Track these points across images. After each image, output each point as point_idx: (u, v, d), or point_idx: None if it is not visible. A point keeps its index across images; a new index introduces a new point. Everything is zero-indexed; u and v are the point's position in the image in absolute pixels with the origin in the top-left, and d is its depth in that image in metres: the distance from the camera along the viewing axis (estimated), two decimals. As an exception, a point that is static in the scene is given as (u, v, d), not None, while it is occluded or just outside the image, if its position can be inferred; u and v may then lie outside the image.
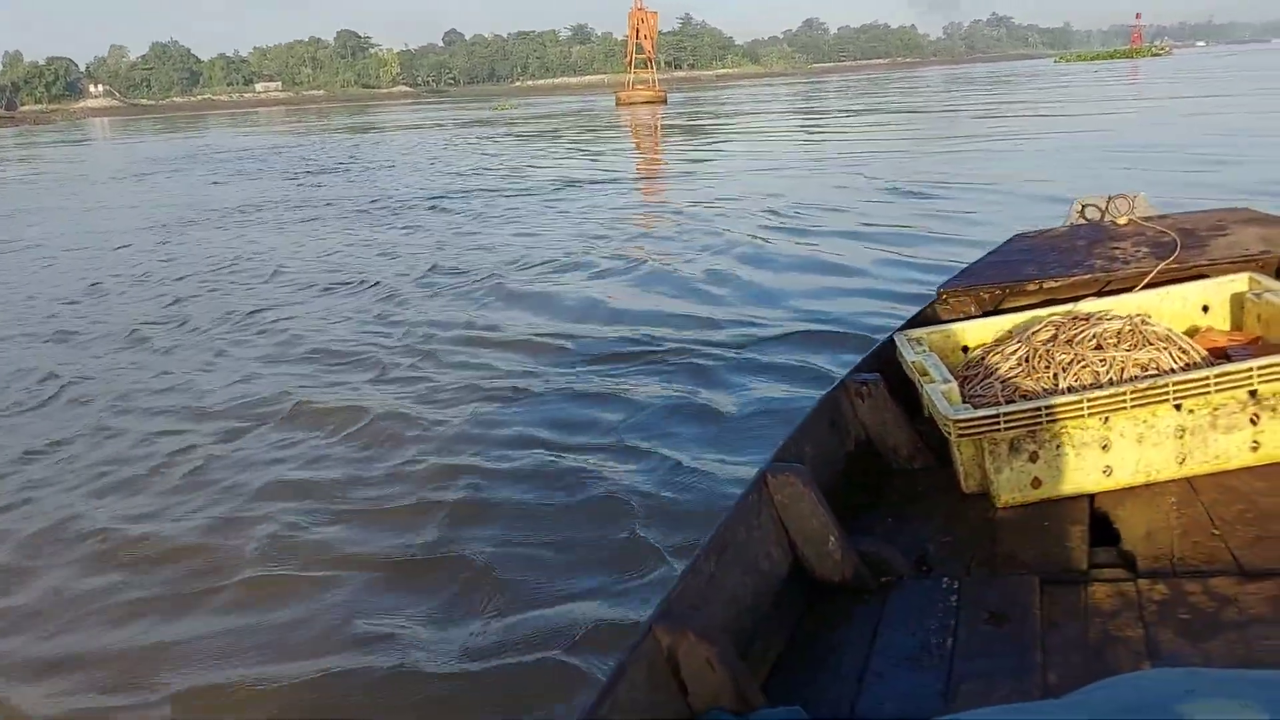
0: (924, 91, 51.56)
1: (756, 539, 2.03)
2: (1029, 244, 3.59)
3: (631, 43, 69.47)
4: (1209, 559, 1.98)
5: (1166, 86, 35.13)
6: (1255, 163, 12.32)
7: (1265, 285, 2.81)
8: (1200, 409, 2.32)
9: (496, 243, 11.20)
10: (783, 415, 4.65)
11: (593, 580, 3.50)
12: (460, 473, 4.51)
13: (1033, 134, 19.58)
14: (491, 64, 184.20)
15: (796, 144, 22.29)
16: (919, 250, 8.69)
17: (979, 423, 2.28)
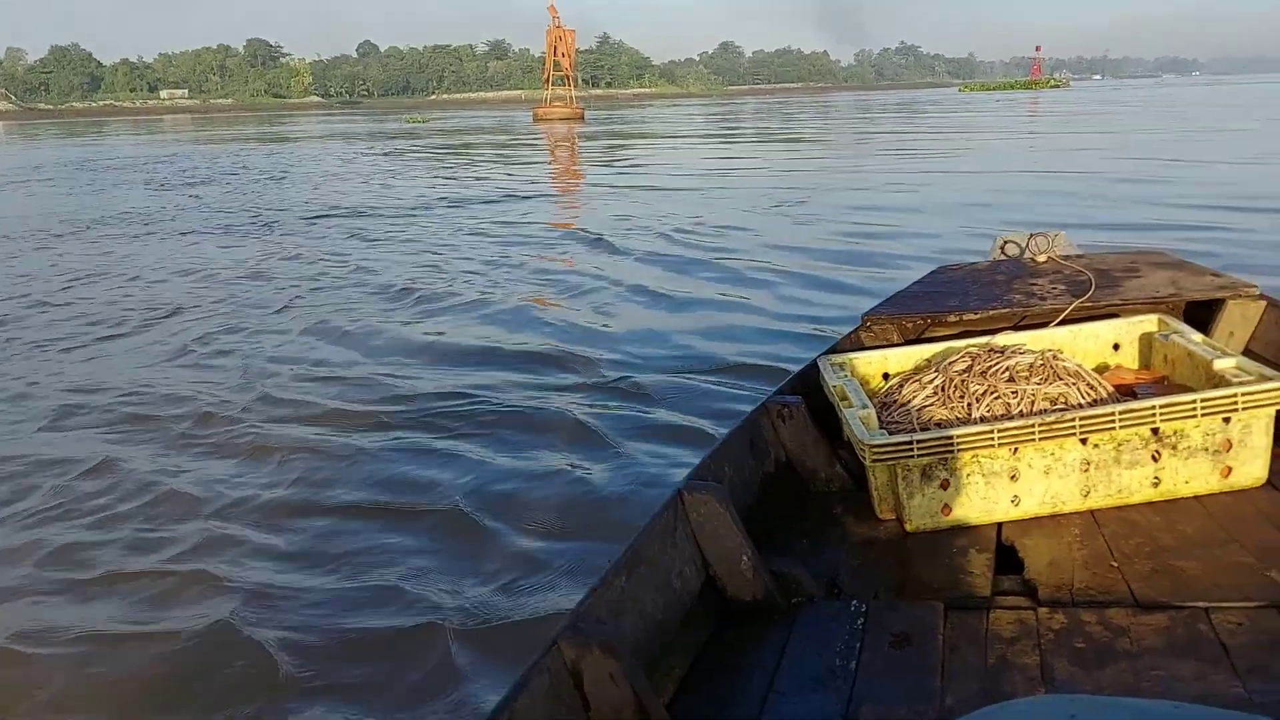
0: (836, 116, 52.59)
1: (670, 556, 2.02)
2: (952, 276, 3.67)
3: (549, 59, 69.53)
4: (1106, 590, 2.03)
5: (1055, 122, 36.19)
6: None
7: (1173, 327, 2.89)
8: (1105, 444, 2.37)
9: (372, 264, 10.15)
10: (660, 481, 4.19)
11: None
12: (246, 550, 3.82)
13: (939, 164, 19.94)
14: (407, 76, 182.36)
15: (710, 165, 21.82)
16: (826, 281, 8.27)
17: (893, 449, 2.31)
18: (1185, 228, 9.55)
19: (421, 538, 3.91)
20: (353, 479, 4.47)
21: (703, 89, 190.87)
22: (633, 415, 5.15)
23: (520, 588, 3.48)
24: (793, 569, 2.17)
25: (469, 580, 3.54)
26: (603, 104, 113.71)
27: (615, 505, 4.08)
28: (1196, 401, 2.33)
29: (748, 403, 4.23)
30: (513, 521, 3.99)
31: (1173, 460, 2.39)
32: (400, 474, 4.52)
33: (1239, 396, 2.32)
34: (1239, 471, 2.41)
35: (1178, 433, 2.37)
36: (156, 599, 3.52)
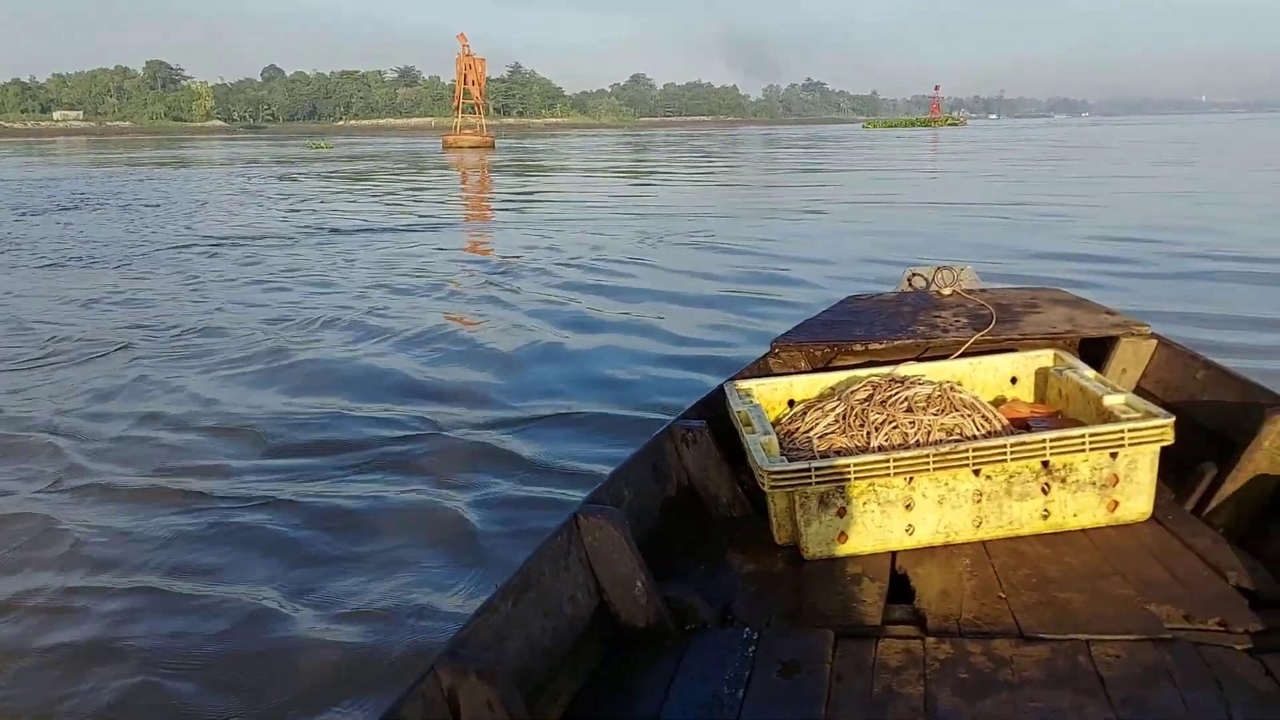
0: (745, 149, 53.44)
1: (562, 581, 2.00)
2: (860, 306, 3.73)
3: (460, 88, 69.09)
4: (993, 621, 2.05)
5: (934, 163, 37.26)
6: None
7: (1067, 362, 2.96)
8: (997, 475, 2.41)
9: (242, 299, 9.22)
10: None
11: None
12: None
13: (842, 195, 20.35)
14: (313, 102, 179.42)
15: (620, 195, 21.75)
16: (723, 315, 7.97)
17: (791, 475, 2.32)
18: (1072, 258, 9.94)
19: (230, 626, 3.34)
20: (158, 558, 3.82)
21: (615, 120, 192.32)
22: (515, 458, 4.75)
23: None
24: (687, 595, 2.15)
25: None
26: (515, 133, 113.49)
27: (484, 555, 3.73)
28: (1085, 436, 2.38)
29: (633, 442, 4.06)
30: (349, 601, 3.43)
31: (1062, 493, 2.43)
32: (217, 551, 3.88)
33: (1125, 433, 2.37)
34: (1124, 506, 2.46)
35: (1067, 466, 2.41)
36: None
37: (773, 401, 3.01)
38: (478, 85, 68.71)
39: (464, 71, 67.98)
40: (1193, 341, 3.36)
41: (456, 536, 3.94)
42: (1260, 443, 2.43)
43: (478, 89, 68.62)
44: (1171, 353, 3.15)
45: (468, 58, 67.69)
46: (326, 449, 4.94)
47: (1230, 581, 2.15)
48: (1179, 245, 10.65)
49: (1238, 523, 2.44)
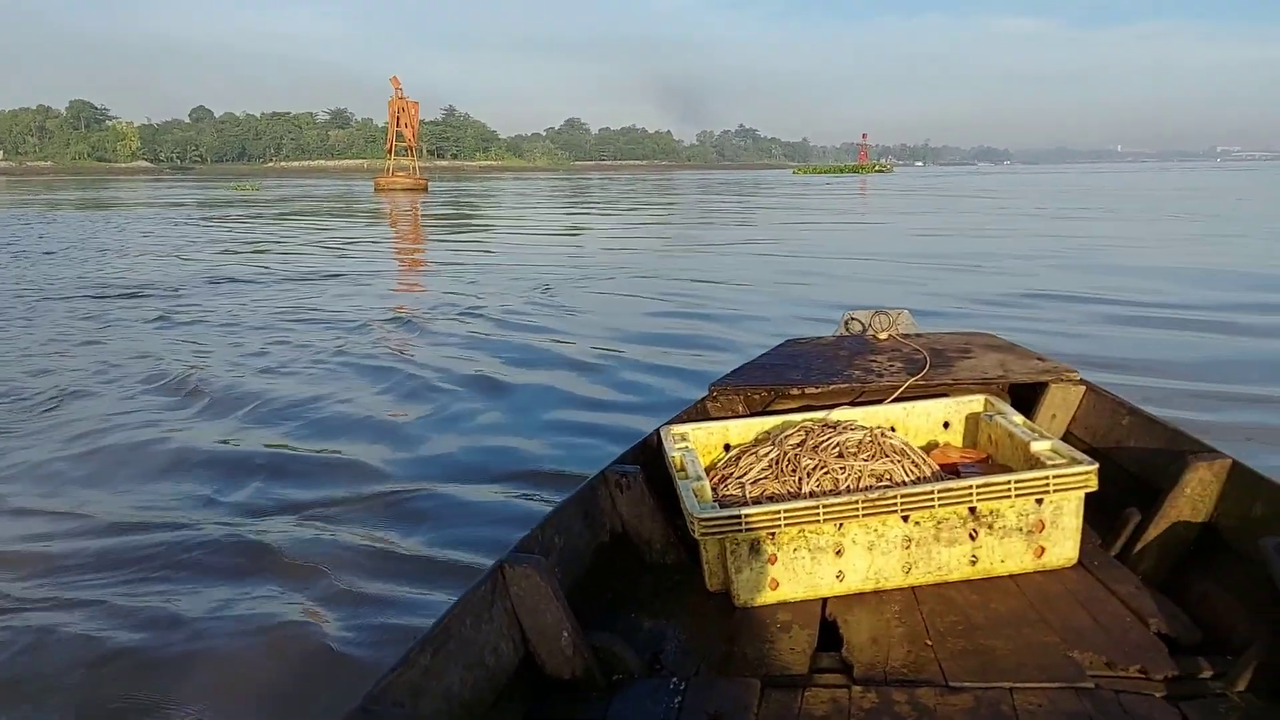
0: (678, 193, 53.97)
1: (485, 632, 1.95)
2: (798, 350, 3.74)
3: (392, 130, 68.80)
4: (918, 669, 2.04)
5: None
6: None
7: (997, 408, 3.00)
8: (926, 521, 2.41)
9: (110, 359, 8.00)
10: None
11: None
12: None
13: (778, 240, 20.52)
14: (243, 143, 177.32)
15: (554, 240, 21.32)
16: (652, 363, 7.45)
17: (721, 522, 2.31)
18: (994, 303, 10.08)
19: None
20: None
21: (549, 163, 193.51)
22: (407, 539, 4.15)
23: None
24: (615, 645, 2.12)
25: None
26: (449, 176, 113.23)
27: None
28: (1010, 483, 2.39)
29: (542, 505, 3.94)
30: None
31: (989, 539, 2.44)
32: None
33: (1050, 479, 2.39)
34: (1051, 552, 2.47)
35: (994, 512, 2.42)
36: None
37: (709, 445, 3.00)
38: (411, 128, 68.49)
39: (397, 114, 67.75)
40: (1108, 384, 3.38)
41: (310, 655, 3.27)
42: (1182, 489, 2.46)
43: (411, 131, 68.41)
44: (1099, 399, 3.18)
45: (401, 100, 67.51)
46: (159, 548, 4.11)
47: (1152, 628, 2.16)
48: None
49: (1160, 568, 2.46)
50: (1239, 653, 1.99)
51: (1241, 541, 2.31)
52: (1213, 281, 11.49)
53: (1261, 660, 1.90)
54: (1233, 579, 2.28)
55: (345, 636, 3.35)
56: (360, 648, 3.27)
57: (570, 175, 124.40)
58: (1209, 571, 2.38)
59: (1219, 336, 8.06)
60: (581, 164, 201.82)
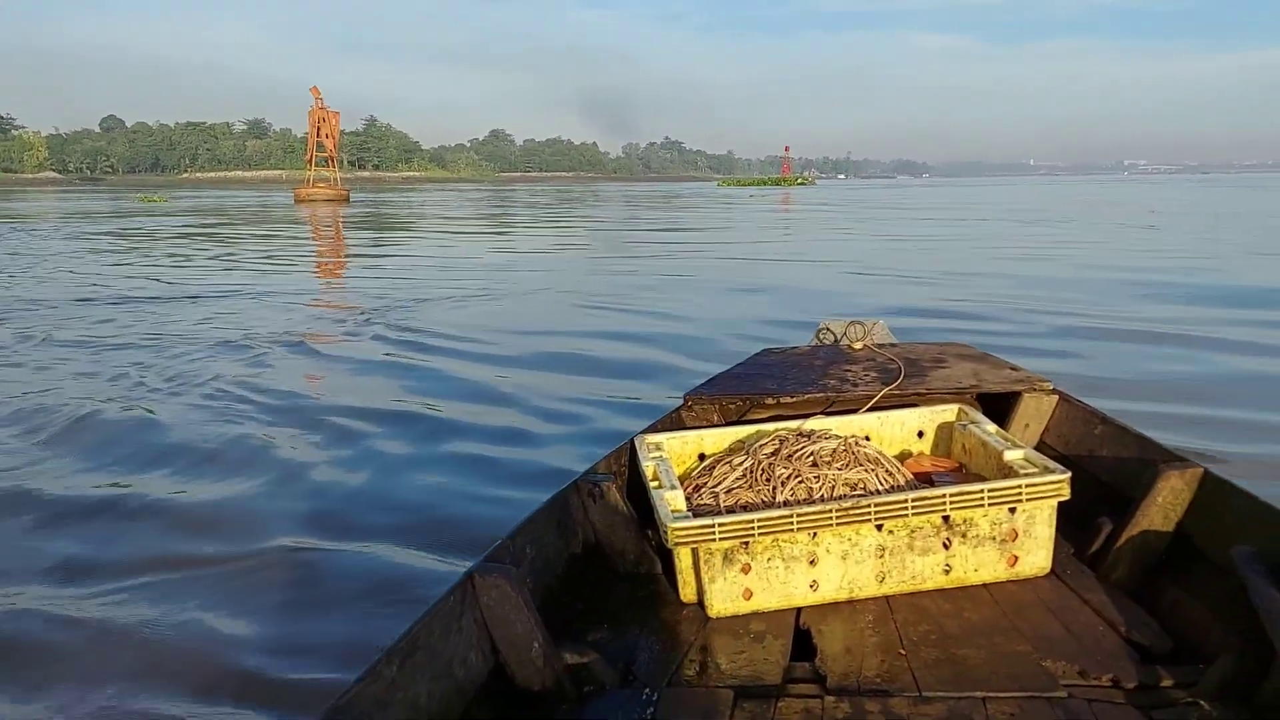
0: (604, 204, 53.85)
1: (454, 643, 1.91)
2: (773, 359, 3.75)
3: (312, 140, 67.56)
4: (892, 679, 2.04)
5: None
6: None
7: (970, 417, 3.01)
8: (899, 530, 2.41)
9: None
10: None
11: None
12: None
13: (701, 250, 20.47)
14: (156, 153, 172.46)
15: (479, 252, 20.32)
16: (582, 395, 6.58)
17: (695, 531, 2.29)
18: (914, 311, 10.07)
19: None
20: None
21: (474, 174, 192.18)
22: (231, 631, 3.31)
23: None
24: (586, 656, 2.09)
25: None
26: (370, 186, 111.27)
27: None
28: (984, 491, 2.38)
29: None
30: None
31: (963, 548, 2.44)
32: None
33: (1023, 488, 2.40)
34: (1024, 561, 2.47)
35: (967, 521, 2.42)
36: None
37: (683, 455, 2.99)
38: (331, 138, 67.37)
39: (317, 124, 66.60)
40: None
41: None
42: (1154, 498, 2.46)
43: (331, 142, 67.29)
44: (1071, 409, 3.20)
45: (321, 110, 66.38)
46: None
47: (1124, 636, 2.17)
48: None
49: (1132, 577, 2.47)
50: (1210, 661, 2.01)
51: (1213, 550, 2.32)
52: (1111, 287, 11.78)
53: (1231, 669, 1.90)
54: (1204, 588, 2.29)
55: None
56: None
57: (495, 186, 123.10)
58: (1181, 580, 2.38)
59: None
60: (507, 175, 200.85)
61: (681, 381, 6.02)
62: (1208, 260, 15.67)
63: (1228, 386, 6.49)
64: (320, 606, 3.50)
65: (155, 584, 3.70)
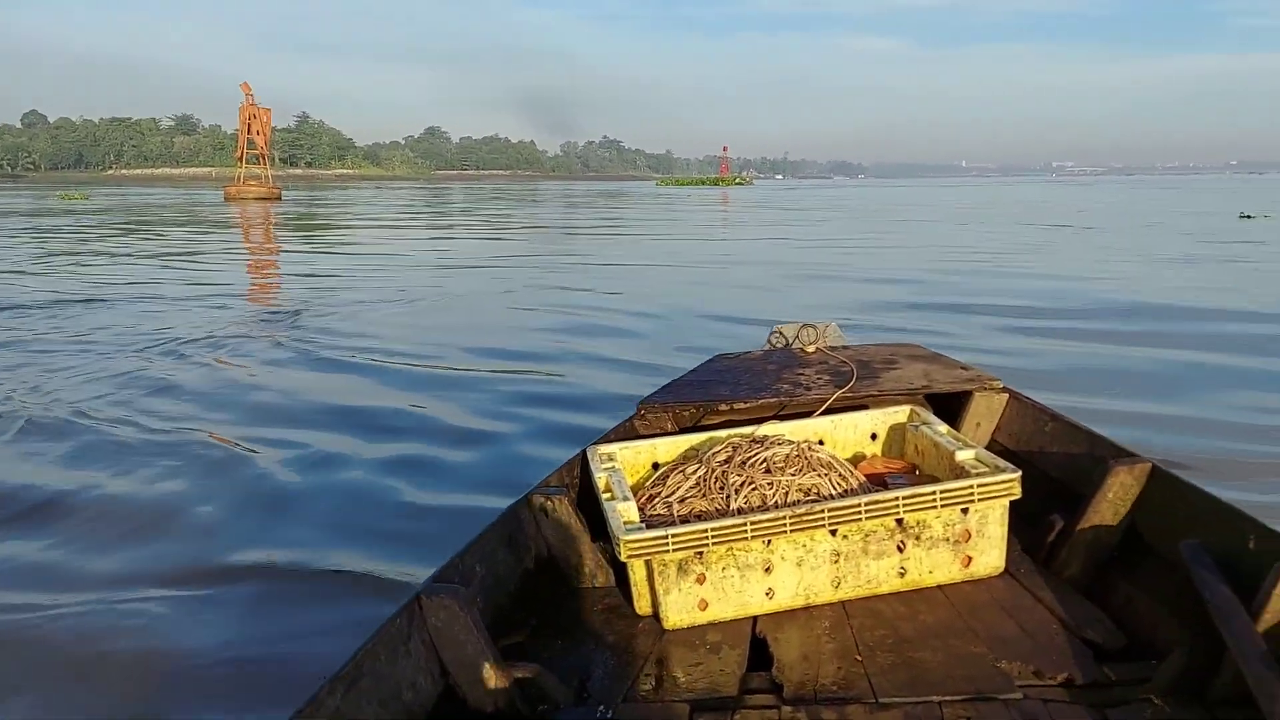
0: (543, 203, 53.48)
1: (402, 666, 1.87)
2: (727, 365, 3.71)
3: (243, 137, 66.14)
4: (848, 686, 2.03)
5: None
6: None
7: (923, 418, 3.00)
8: (854, 535, 2.39)
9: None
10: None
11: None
12: None
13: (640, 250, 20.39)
14: (79, 150, 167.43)
15: (416, 252, 19.55)
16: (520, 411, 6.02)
17: (648, 543, 2.25)
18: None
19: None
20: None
21: (409, 172, 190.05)
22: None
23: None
24: (538, 675, 2.02)
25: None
26: (303, 184, 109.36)
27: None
28: (936, 493, 2.37)
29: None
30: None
31: (917, 550, 2.43)
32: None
33: (975, 488, 2.39)
34: (978, 561, 2.47)
35: (921, 523, 2.42)
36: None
37: (637, 465, 2.95)
38: (263, 135, 66.06)
39: (248, 120, 65.24)
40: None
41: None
42: (1104, 495, 2.47)
43: (263, 138, 65.97)
44: (1022, 406, 3.21)
45: (251, 107, 65.05)
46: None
47: (1077, 634, 2.17)
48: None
49: (1084, 574, 2.47)
50: (1162, 657, 2.01)
51: (1163, 545, 2.33)
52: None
53: (1183, 665, 1.91)
54: (1155, 583, 2.29)
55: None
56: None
57: (431, 185, 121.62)
58: (1132, 576, 2.39)
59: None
60: (443, 173, 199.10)
61: (619, 389, 6.06)
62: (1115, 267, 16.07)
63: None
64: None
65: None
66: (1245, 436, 5.17)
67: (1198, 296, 10.99)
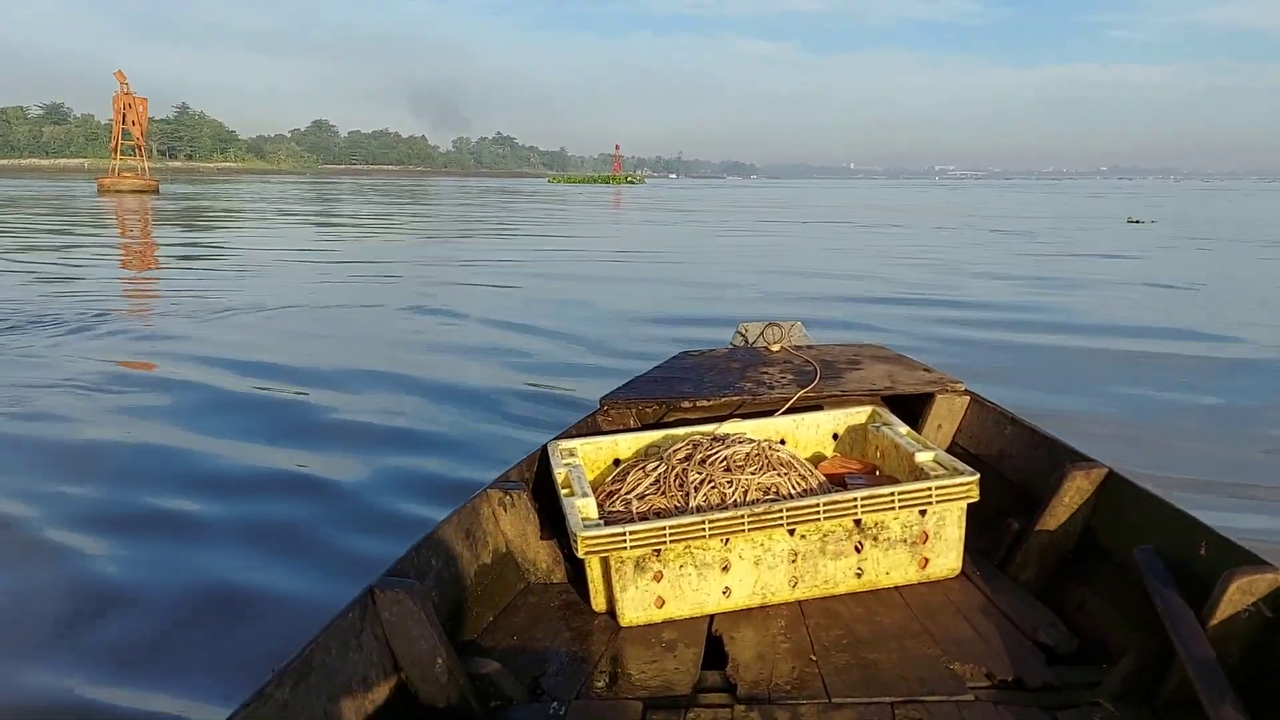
0: (434, 200, 52.61)
1: (353, 661, 1.83)
2: (691, 362, 3.70)
3: (118, 127, 63.28)
4: (802, 685, 2.02)
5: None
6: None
7: (884, 419, 3.00)
8: (812, 535, 2.38)
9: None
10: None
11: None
12: None
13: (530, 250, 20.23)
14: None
15: (304, 251, 18.57)
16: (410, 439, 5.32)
17: (606, 540, 2.25)
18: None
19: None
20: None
21: (295, 166, 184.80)
22: None
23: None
24: (492, 671, 2.01)
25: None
26: (183, 177, 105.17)
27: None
28: (894, 495, 2.37)
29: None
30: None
31: (874, 551, 2.43)
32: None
33: (933, 490, 2.40)
34: (935, 563, 2.48)
35: (878, 524, 2.42)
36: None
37: (598, 461, 2.93)
38: (138, 125, 63.33)
39: (123, 110, 62.44)
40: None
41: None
42: (1060, 498, 2.48)
43: (138, 129, 63.25)
44: (983, 409, 3.22)
45: (127, 96, 62.27)
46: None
47: (1030, 637, 2.18)
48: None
49: (1040, 577, 2.48)
50: (1115, 660, 2.03)
51: (1117, 549, 2.34)
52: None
53: (1133, 669, 1.91)
54: (1109, 587, 2.30)
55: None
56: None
57: (318, 179, 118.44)
58: (1087, 579, 2.39)
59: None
60: (331, 167, 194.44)
61: (503, 407, 5.78)
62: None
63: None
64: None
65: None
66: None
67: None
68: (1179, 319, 9.69)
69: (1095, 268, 15.17)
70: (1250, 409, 5.96)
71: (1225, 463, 4.78)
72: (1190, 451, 4.99)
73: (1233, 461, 4.82)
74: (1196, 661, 1.75)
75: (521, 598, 2.54)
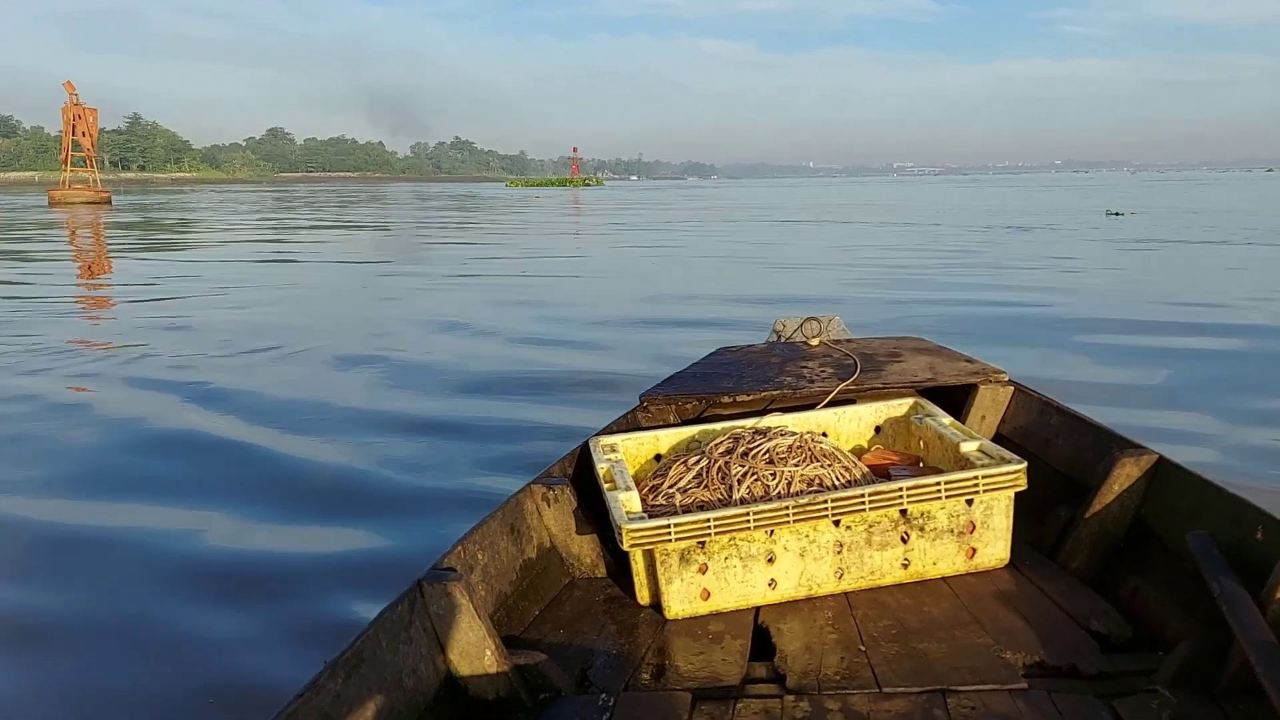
0: (391, 206, 52.17)
1: (403, 653, 1.85)
2: (730, 358, 3.68)
3: (68, 139, 62.19)
4: (852, 676, 2.01)
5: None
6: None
7: (927, 410, 2.99)
8: (857, 525, 2.37)
9: None
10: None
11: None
12: None
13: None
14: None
15: (266, 262, 18.12)
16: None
17: (650, 533, 2.24)
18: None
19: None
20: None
21: (251, 175, 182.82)
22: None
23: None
24: (540, 662, 2.02)
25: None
26: (136, 188, 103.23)
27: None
28: (940, 484, 2.35)
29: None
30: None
31: (921, 542, 2.41)
32: None
33: (979, 479, 2.37)
34: (982, 553, 2.45)
35: (925, 515, 2.40)
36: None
37: (639, 456, 2.93)
38: (89, 136, 62.27)
39: (73, 121, 61.36)
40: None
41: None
42: (1110, 486, 2.46)
43: (89, 140, 62.20)
44: (1027, 399, 3.20)
45: (77, 107, 61.22)
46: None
47: (1083, 626, 2.15)
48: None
49: (1090, 566, 2.46)
50: (1170, 648, 1.99)
51: (1169, 536, 2.31)
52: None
53: (1190, 655, 1.88)
54: (1162, 574, 2.28)
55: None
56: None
57: (275, 188, 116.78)
58: (1139, 567, 2.37)
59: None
60: (287, 175, 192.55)
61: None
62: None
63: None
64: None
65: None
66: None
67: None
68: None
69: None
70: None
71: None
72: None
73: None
74: (1257, 646, 1.72)
75: (566, 591, 2.55)
